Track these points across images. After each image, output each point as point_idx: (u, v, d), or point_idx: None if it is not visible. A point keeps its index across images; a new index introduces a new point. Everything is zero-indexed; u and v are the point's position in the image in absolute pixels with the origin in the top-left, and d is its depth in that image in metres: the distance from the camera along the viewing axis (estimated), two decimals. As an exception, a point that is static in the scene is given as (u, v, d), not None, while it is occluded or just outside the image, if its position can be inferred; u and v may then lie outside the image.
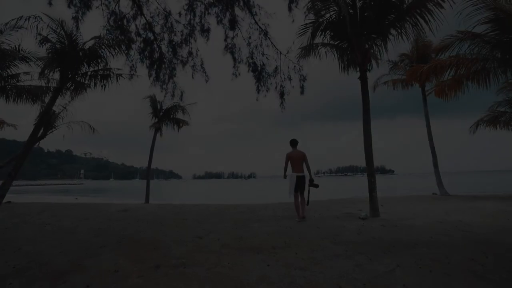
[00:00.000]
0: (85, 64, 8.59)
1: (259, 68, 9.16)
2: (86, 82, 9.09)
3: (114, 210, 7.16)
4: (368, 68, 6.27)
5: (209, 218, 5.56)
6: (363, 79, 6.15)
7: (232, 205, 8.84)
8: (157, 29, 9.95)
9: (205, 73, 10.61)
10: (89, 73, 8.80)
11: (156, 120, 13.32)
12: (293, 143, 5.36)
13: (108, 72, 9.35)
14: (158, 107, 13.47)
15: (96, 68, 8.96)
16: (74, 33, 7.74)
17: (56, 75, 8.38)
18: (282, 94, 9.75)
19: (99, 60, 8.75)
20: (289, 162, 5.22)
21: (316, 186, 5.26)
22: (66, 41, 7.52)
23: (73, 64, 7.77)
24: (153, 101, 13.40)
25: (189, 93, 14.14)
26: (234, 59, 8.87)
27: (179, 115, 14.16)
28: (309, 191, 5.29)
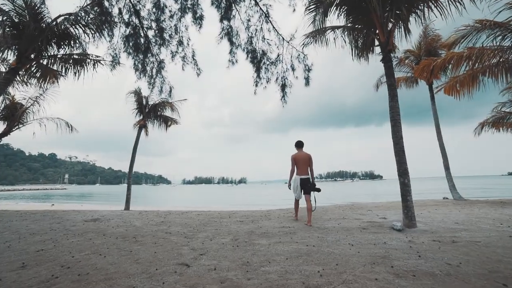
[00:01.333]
0: (53, 44, 7.17)
1: (259, 55, 8.04)
2: (57, 68, 7.64)
3: (81, 219, 5.69)
4: (393, 48, 5.24)
5: (200, 231, 4.25)
6: (388, 61, 5.12)
7: (226, 212, 7.52)
8: (144, 12, 8.72)
9: (197, 65, 9.40)
10: (58, 56, 7.37)
11: (141, 117, 11.86)
12: (299, 144, 5.09)
13: (83, 57, 7.92)
14: (144, 102, 12.04)
15: (68, 52, 7.55)
16: (38, 5, 6.37)
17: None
18: (283, 87, 8.64)
19: (72, 42, 7.34)
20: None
21: (318, 190, 4.85)
22: (26, 13, 6.11)
23: (36, 41, 6.34)
24: (138, 95, 11.97)
25: (179, 96, 12.85)
26: (231, 42, 7.72)
27: (168, 113, 12.77)
28: (315, 197, 4.99)
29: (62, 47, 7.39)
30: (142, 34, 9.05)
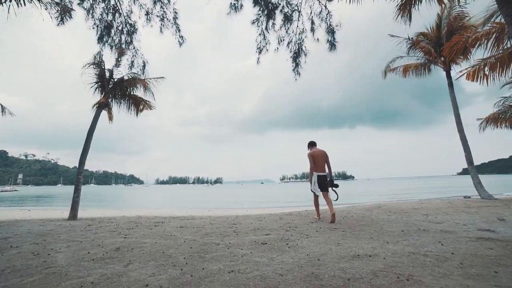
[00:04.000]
0: None
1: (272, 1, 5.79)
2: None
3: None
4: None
5: (199, 281, 1.83)
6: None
7: (222, 221, 5.07)
8: None
9: (179, 31, 7.00)
10: None
11: (103, 94, 8.82)
12: (313, 143, 4.90)
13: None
14: (107, 75, 9.01)
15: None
16: None
17: None
18: (297, 54, 6.51)
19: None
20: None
21: (336, 186, 4.54)
22: None
23: None
24: (99, 67, 8.90)
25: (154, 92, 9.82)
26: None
27: (139, 93, 9.84)
28: (334, 190, 4.58)
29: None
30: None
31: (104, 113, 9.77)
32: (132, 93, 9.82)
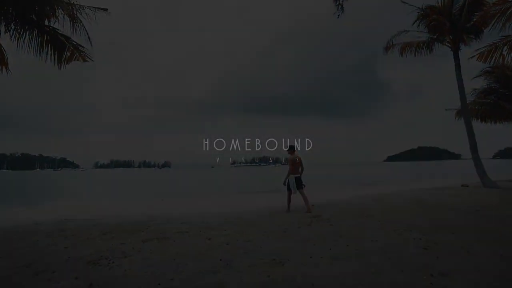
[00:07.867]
0: None
1: None
2: None
3: None
4: None
5: None
6: None
7: (212, 230, 2.55)
8: None
9: None
10: None
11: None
12: (293, 148, 5.42)
13: None
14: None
15: None
16: None
17: None
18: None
19: None
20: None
21: (303, 186, 5.26)
22: None
23: None
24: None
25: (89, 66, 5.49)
26: None
27: (63, 27, 5.86)
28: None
29: None
30: None
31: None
32: (48, 26, 5.82)
